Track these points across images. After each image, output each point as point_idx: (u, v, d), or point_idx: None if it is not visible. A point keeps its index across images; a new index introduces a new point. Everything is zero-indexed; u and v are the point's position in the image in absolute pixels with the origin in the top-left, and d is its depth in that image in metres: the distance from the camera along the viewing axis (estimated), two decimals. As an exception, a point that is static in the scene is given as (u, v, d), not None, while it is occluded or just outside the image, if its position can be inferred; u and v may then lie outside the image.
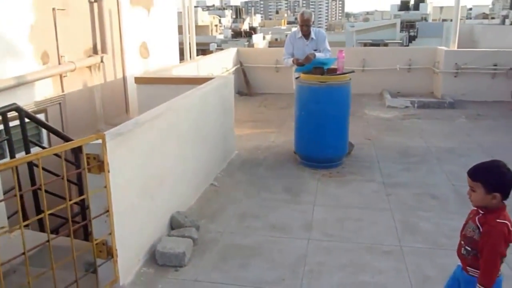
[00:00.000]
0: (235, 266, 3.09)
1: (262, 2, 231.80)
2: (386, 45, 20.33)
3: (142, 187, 3.08)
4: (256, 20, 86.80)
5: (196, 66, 7.35)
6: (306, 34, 5.48)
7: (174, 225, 3.50)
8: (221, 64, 8.47)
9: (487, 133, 6.42)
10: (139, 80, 5.74)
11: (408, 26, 37.67)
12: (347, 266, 3.04)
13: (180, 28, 8.58)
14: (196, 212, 3.86)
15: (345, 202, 4.07)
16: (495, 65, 8.47)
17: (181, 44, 8.73)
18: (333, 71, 4.95)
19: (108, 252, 2.63)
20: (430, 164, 5.10)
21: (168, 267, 3.05)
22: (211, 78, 4.82)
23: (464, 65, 8.52)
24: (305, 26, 5.42)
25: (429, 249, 3.25)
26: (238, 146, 5.63)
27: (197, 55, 9.32)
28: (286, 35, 5.73)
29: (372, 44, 20.87)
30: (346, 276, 2.93)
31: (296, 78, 5.09)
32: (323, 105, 4.75)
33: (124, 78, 6.84)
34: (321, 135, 4.83)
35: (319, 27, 6.80)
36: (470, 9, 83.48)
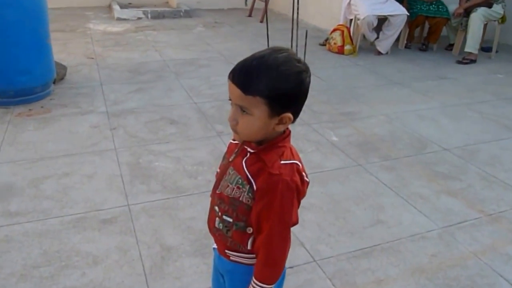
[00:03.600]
0: None
1: None
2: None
3: None
4: None
5: None
6: None
7: None
8: None
9: (226, 40, 5.81)
10: None
11: None
12: (38, 263, 1.81)
13: None
14: None
15: (48, 151, 2.73)
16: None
17: None
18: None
19: None
20: (167, 80, 4.12)
21: None
22: None
23: (195, -32, 7.68)
24: None
25: (168, 201, 2.28)
26: None
27: None
28: None
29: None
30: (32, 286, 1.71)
31: None
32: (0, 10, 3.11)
33: None
34: (6, 57, 3.22)
35: None
36: None
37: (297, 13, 4.47)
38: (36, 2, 3.37)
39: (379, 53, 5.24)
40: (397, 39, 5.47)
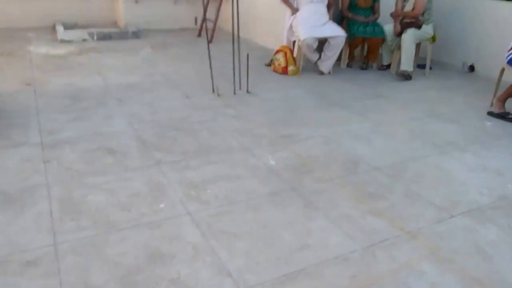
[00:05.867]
0: None
1: None
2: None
3: None
4: None
5: None
6: None
7: None
8: None
9: (173, 62, 5.82)
10: None
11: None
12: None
13: None
14: None
15: (-26, 189, 2.63)
16: (174, -11, 7.96)
17: None
18: None
19: None
20: (109, 107, 4.07)
21: None
22: None
23: (141, -10, 7.67)
24: None
25: (98, 237, 2.24)
26: None
27: None
28: None
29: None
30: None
31: None
32: None
33: None
34: None
35: None
36: None
37: (238, 35, 4.55)
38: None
39: (322, 73, 5.39)
40: (339, 59, 5.65)
